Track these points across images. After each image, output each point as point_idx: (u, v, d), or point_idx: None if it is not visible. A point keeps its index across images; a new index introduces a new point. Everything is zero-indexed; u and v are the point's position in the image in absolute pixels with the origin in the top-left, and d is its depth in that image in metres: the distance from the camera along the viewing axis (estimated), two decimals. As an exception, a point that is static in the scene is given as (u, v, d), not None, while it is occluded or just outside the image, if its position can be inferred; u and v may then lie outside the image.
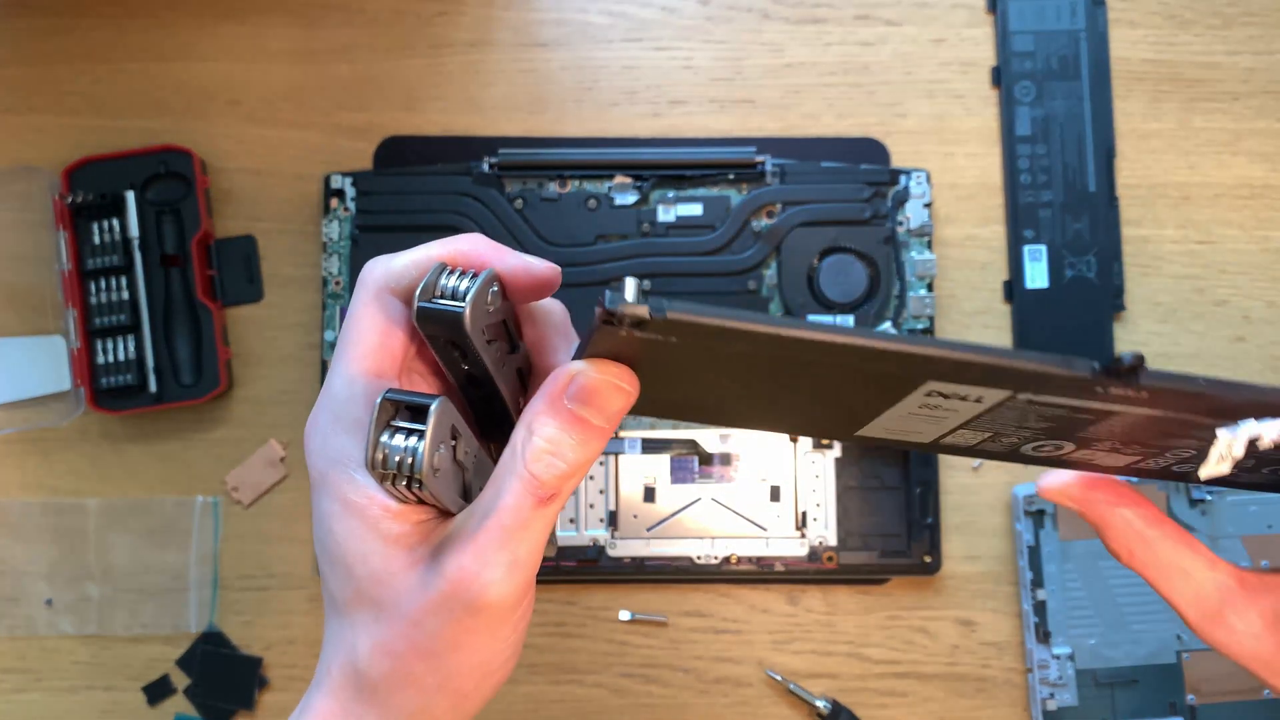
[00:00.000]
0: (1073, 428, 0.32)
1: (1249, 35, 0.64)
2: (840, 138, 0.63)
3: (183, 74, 0.64)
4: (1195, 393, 0.30)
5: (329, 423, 0.31)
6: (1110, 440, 0.33)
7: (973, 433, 0.33)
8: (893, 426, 0.33)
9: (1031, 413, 0.31)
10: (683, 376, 0.31)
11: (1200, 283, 0.63)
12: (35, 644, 0.61)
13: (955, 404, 0.31)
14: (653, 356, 0.30)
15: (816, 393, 0.31)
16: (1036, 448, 0.34)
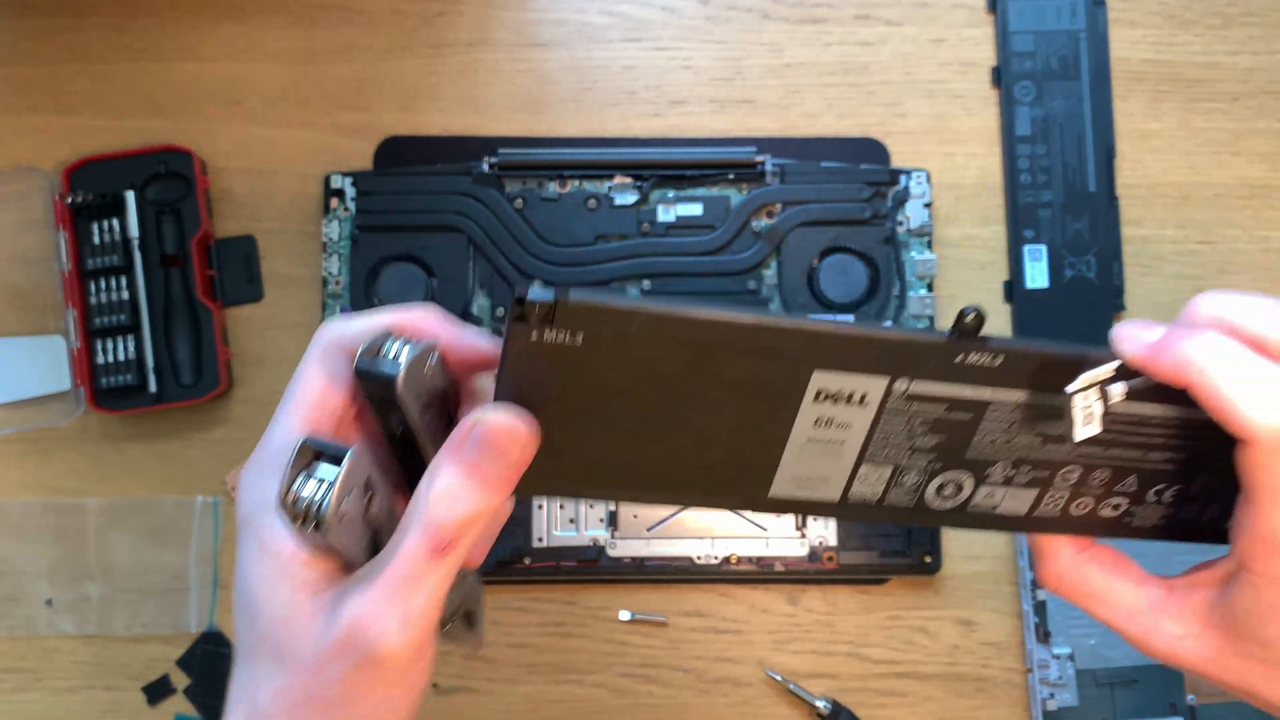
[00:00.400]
0: (959, 442, 0.33)
1: (1249, 35, 0.64)
2: (840, 138, 0.63)
3: (183, 74, 0.64)
4: (1040, 352, 0.32)
5: (258, 470, 0.32)
6: (1000, 463, 0.34)
7: (873, 470, 0.33)
8: (799, 473, 0.33)
9: (916, 420, 0.32)
10: (600, 416, 0.31)
11: (1200, 283, 0.63)
12: (35, 644, 0.61)
13: (845, 414, 0.32)
14: (567, 383, 0.30)
15: (723, 421, 0.32)
16: (939, 489, 0.34)
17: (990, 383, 0.32)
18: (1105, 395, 0.32)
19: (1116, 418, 0.33)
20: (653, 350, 0.29)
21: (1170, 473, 0.35)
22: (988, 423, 0.33)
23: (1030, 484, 0.34)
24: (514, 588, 0.61)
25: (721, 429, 0.32)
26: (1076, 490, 0.35)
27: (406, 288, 0.60)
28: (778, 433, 0.32)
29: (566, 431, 0.31)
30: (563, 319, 0.28)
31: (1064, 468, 0.34)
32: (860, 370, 0.31)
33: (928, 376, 0.32)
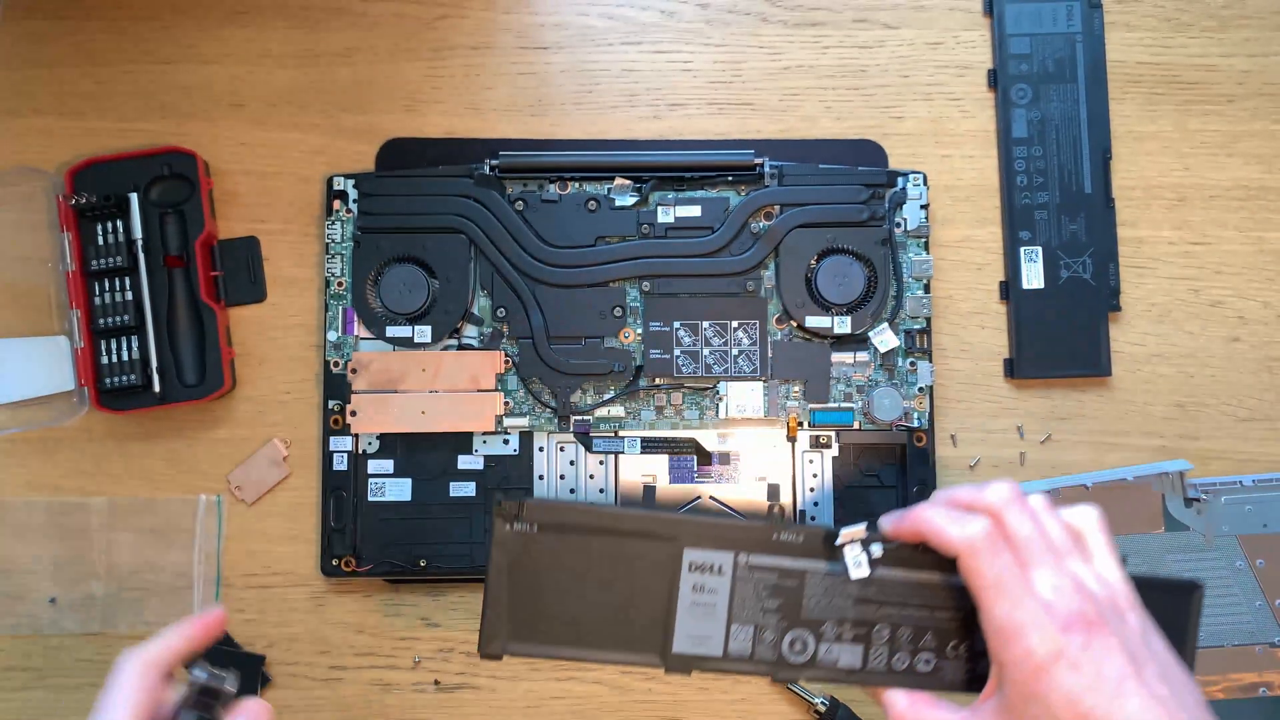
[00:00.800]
0: (795, 604, 0.44)
1: (1245, 38, 0.65)
2: (838, 140, 0.64)
3: (186, 77, 0.64)
4: (826, 528, 0.44)
5: None
6: (829, 622, 0.44)
7: (741, 629, 0.44)
8: (690, 631, 0.44)
9: (760, 586, 0.44)
10: (553, 584, 0.44)
11: (1195, 284, 0.63)
12: (39, 642, 0.61)
13: (711, 581, 0.44)
14: (530, 560, 0.44)
15: (635, 587, 0.44)
16: (791, 645, 0.44)
17: (802, 555, 0.44)
18: (868, 549, 0.44)
19: (897, 582, 0.44)
20: (583, 535, 0.44)
21: (956, 630, 0.44)
22: (810, 587, 0.44)
23: (855, 640, 0.44)
24: (515, 586, 0.61)
25: (634, 592, 0.44)
26: (892, 646, 0.45)
27: (408, 289, 0.60)
28: (670, 596, 0.44)
29: (531, 595, 0.44)
30: (525, 514, 0.43)
31: (875, 625, 0.44)
32: (714, 547, 0.44)
33: (758, 551, 0.44)
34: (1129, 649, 0.40)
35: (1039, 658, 0.40)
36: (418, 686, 0.61)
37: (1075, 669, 0.39)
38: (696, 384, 0.61)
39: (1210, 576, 0.60)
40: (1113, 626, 0.41)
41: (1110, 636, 0.40)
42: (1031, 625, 0.40)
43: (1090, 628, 0.40)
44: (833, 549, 0.44)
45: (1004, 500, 0.42)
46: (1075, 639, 0.40)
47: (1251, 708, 0.60)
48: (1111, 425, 0.62)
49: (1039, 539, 0.42)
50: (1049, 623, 0.40)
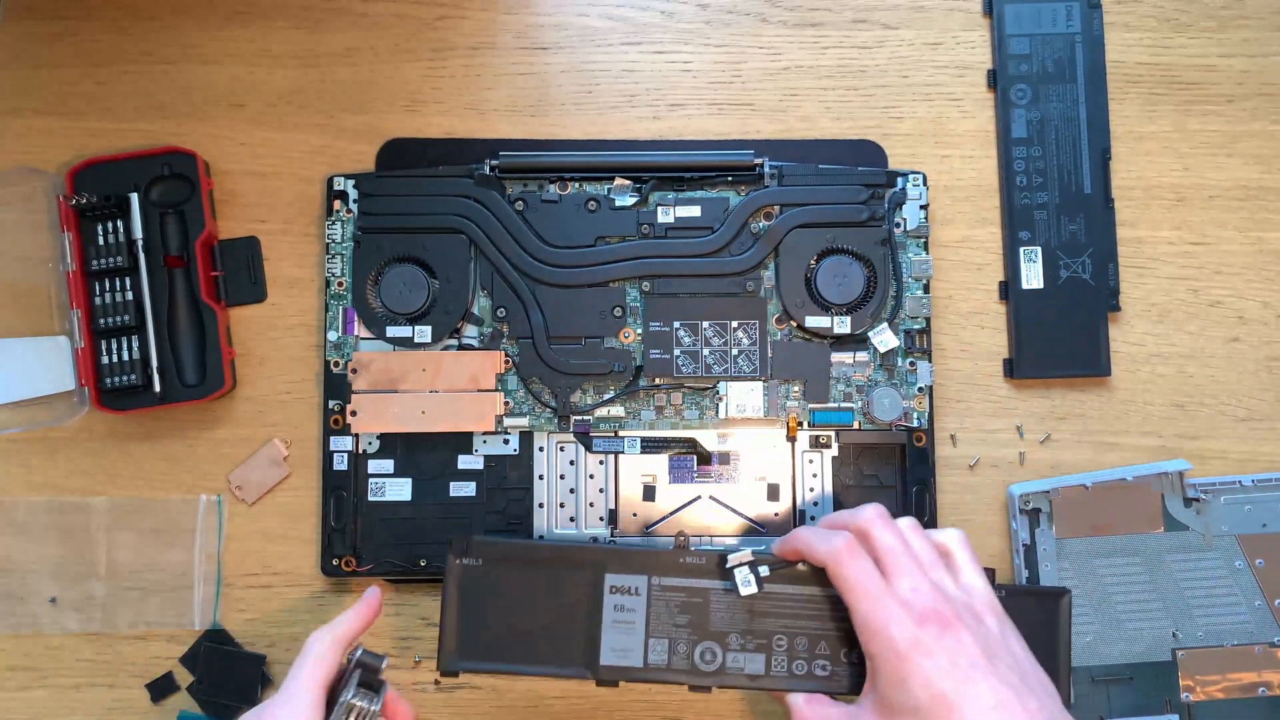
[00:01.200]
0: (702, 619, 0.51)
1: (1244, 38, 0.65)
2: (838, 140, 0.64)
3: (186, 76, 0.64)
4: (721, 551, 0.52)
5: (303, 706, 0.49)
6: (733, 634, 0.51)
7: (657, 642, 0.51)
8: (614, 646, 0.51)
9: (671, 604, 0.51)
10: (499, 609, 0.52)
11: (1195, 284, 0.63)
12: (40, 642, 0.61)
13: (629, 601, 0.51)
14: (479, 589, 0.52)
15: (566, 609, 0.52)
16: (702, 655, 0.51)
17: (704, 575, 0.52)
18: (756, 570, 0.51)
19: (789, 597, 0.51)
20: (521, 567, 0.52)
21: (845, 638, 0.50)
22: (714, 603, 0.51)
23: (757, 649, 0.51)
24: (515, 586, 0.61)
25: (566, 614, 0.52)
26: (790, 654, 0.51)
27: (408, 289, 0.61)
28: (596, 616, 0.52)
29: (478, 620, 0.52)
30: (472, 550, 0.53)
31: (774, 635, 0.51)
32: (630, 571, 0.52)
33: (667, 574, 0.52)
34: (983, 643, 0.46)
35: (900, 647, 0.45)
36: (418, 686, 0.61)
37: (930, 656, 0.45)
38: (696, 384, 0.61)
39: (1210, 576, 0.60)
40: (967, 623, 0.46)
41: (963, 631, 0.46)
42: (892, 619, 0.46)
43: (945, 622, 0.46)
44: (725, 570, 0.51)
45: (869, 518, 0.49)
46: (930, 630, 0.45)
47: (1251, 708, 0.60)
48: (1111, 425, 0.63)
49: (902, 550, 0.48)
50: (906, 617, 0.46)
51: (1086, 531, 0.60)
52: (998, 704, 0.44)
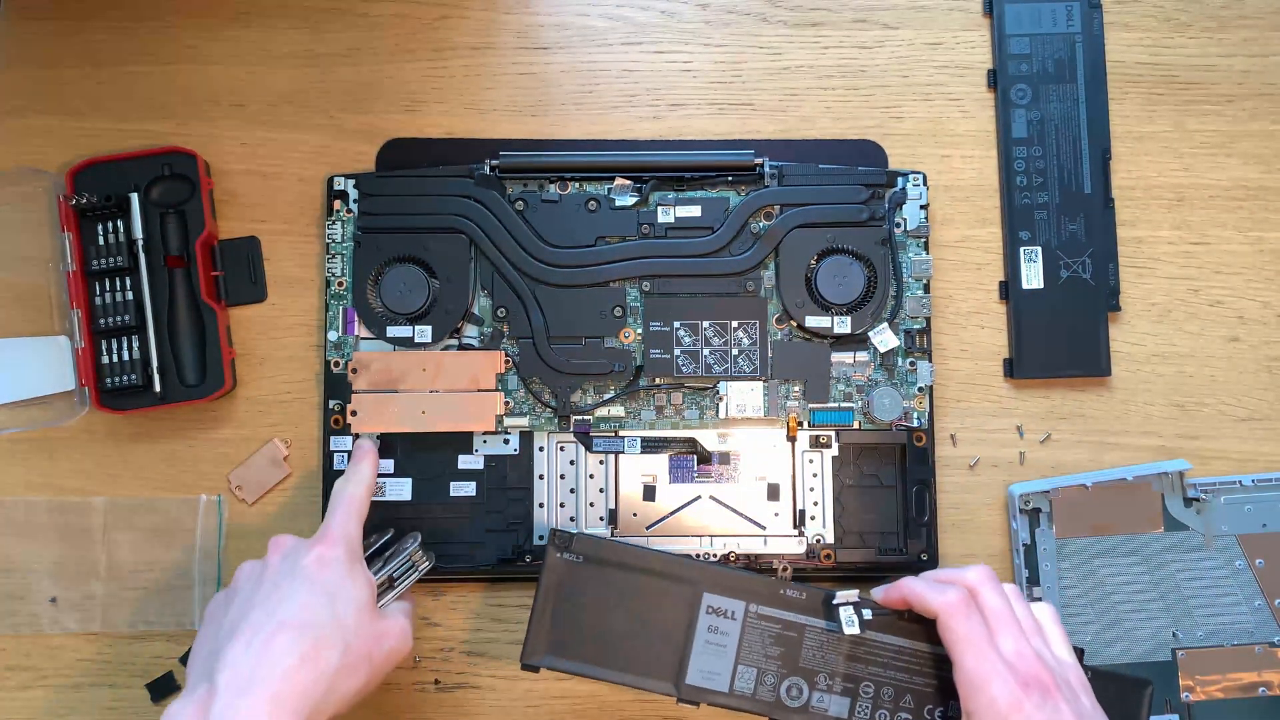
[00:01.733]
0: (794, 653, 0.51)
1: (1244, 38, 0.65)
2: (838, 140, 0.64)
3: (187, 77, 0.65)
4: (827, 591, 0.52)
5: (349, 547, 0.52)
6: (822, 673, 0.51)
7: (746, 670, 0.51)
8: (702, 667, 0.51)
9: (765, 634, 0.51)
10: (591, 609, 0.52)
11: (1195, 284, 0.64)
12: (40, 641, 0.61)
13: (724, 624, 0.51)
14: (574, 586, 0.52)
15: (658, 621, 0.52)
16: (788, 690, 0.51)
17: (804, 611, 0.52)
18: (860, 612, 0.51)
19: (884, 646, 0.51)
20: (620, 570, 0.52)
21: (934, 695, 0.51)
22: (808, 640, 0.51)
23: (844, 692, 0.51)
24: (515, 585, 0.61)
25: (658, 625, 0.52)
26: (876, 702, 0.51)
27: (409, 289, 0.61)
28: (688, 633, 0.52)
29: (570, 618, 0.52)
30: (575, 546, 0.52)
31: (862, 681, 0.51)
32: (730, 595, 0.52)
33: (766, 604, 0.52)
34: (1078, 716, 0.46)
35: (1001, 707, 0.46)
36: (418, 686, 0.61)
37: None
38: (696, 384, 0.61)
39: (1210, 576, 0.60)
40: (1064, 695, 0.47)
41: (1063, 702, 0.46)
42: (996, 677, 0.46)
43: (1046, 690, 0.46)
44: (830, 609, 0.51)
45: (980, 579, 0.50)
46: (1034, 696, 0.46)
47: (1251, 708, 0.60)
48: (1111, 425, 0.63)
49: (1007, 613, 0.49)
50: (1011, 678, 0.46)
51: (1086, 531, 0.60)
52: None
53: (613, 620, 0.52)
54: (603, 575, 0.52)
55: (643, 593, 0.52)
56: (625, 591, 0.52)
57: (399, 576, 0.54)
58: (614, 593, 0.52)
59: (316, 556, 0.50)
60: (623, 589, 0.52)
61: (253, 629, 0.47)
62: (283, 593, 0.49)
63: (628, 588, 0.52)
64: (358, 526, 0.53)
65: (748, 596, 0.52)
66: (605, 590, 0.52)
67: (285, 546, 0.51)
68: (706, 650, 0.51)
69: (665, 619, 0.52)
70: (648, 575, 0.52)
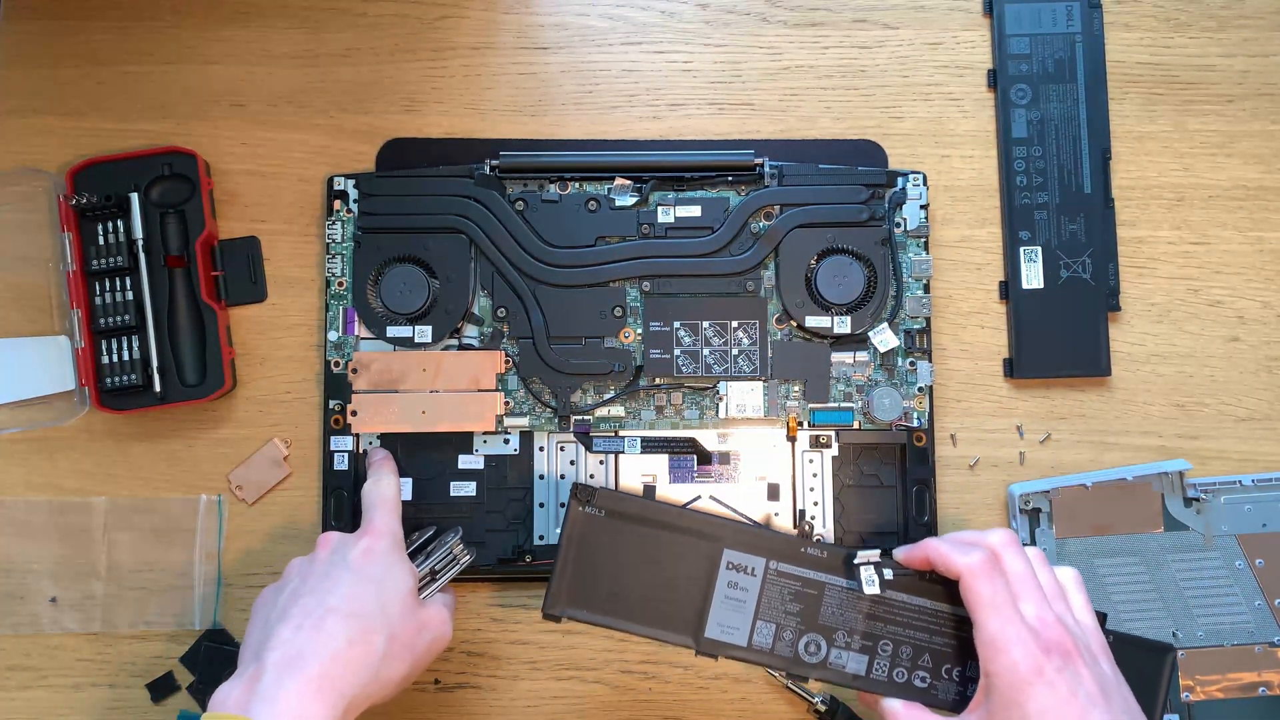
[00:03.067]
0: (813, 610, 0.51)
1: (1244, 38, 0.65)
2: (838, 140, 0.64)
3: (187, 77, 0.65)
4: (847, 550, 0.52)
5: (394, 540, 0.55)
6: (840, 631, 0.51)
7: (765, 625, 0.51)
8: (721, 621, 0.51)
9: (785, 590, 0.51)
10: (612, 561, 0.52)
11: (1195, 284, 0.64)
12: (40, 641, 0.61)
13: (744, 580, 0.52)
14: (596, 538, 0.52)
15: (678, 575, 0.52)
16: (806, 646, 0.51)
17: (824, 569, 0.52)
18: (881, 571, 0.51)
19: (904, 605, 0.51)
20: (642, 525, 0.52)
21: (952, 655, 0.51)
22: (828, 597, 0.51)
23: (862, 650, 0.51)
24: (516, 585, 0.61)
25: (678, 580, 0.52)
26: (894, 660, 0.51)
27: (409, 289, 0.61)
28: (708, 588, 0.52)
29: (591, 571, 0.52)
30: (597, 500, 0.53)
31: (881, 640, 0.51)
32: (750, 551, 0.52)
33: (786, 561, 0.52)
34: (1100, 682, 0.46)
35: (1022, 671, 0.46)
36: (418, 686, 0.61)
37: (1051, 686, 0.45)
38: (696, 384, 0.61)
39: (1210, 576, 0.60)
40: (1086, 660, 0.47)
41: (1084, 667, 0.46)
42: (1017, 641, 0.46)
43: (1067, 654, 0.46)
44: (851, 568, 0.51)
45: (1003, 542, 0.49)
46: (1055, 660, 0.46)
47: (1251, 708, 0.60)
48: (1111, 425, 0.63)
49: (1030, 577, 0.49)
50: (1033, 642, 0.46)
51: (1086, 531, 0.60)
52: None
53: (633, 574, 0.52)
54: (624, 530, 0.52)
55: (663, 548, 0.52)
56: (646, 546, 0.52)
57: (440, 569, 0.55)
58: (635, 547, 0.52)
59: (364, 548, 0.52)
60: (644, 544, 0.52)
61: (303, 613, 0.49)
62: (332, 581, 0.50)
63: (649, 542, 0.52)
64: (398, 521, 0.55)
65: (768, 553, 0.52)
66: (626, 544, 0.52)
67: (333, 541, 0.53)
68: (726, 605, 0.52)
69: (685, 574, 0.52)
70: (669, 531, 0.52)
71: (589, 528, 0.52)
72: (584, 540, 0.52)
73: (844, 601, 0.52)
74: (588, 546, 0.52)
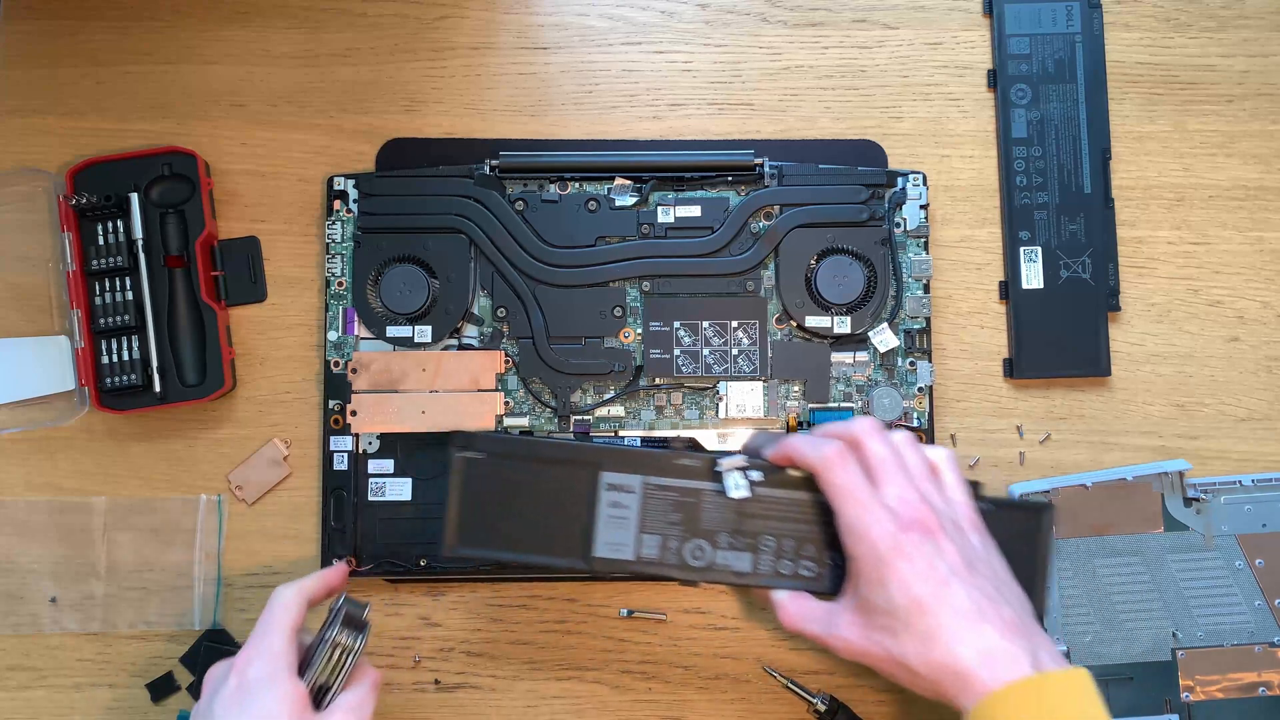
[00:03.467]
0: (693, 518, 0.53)
1: (1243, 38, 0.65)
2: (838, 140, 0.64)
3: (187, 76, 0.65)
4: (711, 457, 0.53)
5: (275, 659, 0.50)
6: (722, 533, 0.53)
7: (650, 538, 0.53)
8: (608, 539, 0.53)
9: (664, 503, 0.53)
10: (501, 499, 0.53)
11: (1195, 284, 0.64)
12: (40, 641, 0.61)
13: (625, 499, 0.53)
14: (483, 479, 0.53)
15: (564, 502, 0.53)
16: (692, 552, 0.53)
17: (697, 477, 0.53)
18: (748, 474, 0.52)
19: (778, 500, 0.53)
20: (522, 461, 0.54)
21: (830, 542, 0.52)
22: (705, 504, 0.53)
23: (746, 548, 0.53)
24: (515, 585, 0.61)
25: (563, 508, 0.53)
26: (777, 555, 0.53)
27: (408, 289, 0.61)
28: (592, 511, 0.53)
29: (480, 509, 0.53)
30: (475, 444, 0.53)
31: (762, 536, 0.53)
32: (627, 470, 0.53)
33: (661, 475, 0.53)
34: (964, 553, 0.47)
35: (881, 549, 0.47)
36: (418, 686, 0.61)
37: (910, 560, 0.46)
38: (696, 384, 0.61)
39: (1210, 576, 0.60)
40: (949, 533, 0.48)
41: (945, 540, 0.47)
42: (875, 523, 0.47)
43: (927, 530, 0.47)
44: (716, 474, 0.53)
45: (864, 429, 0.51)
46: (913, 536, 0.47)
47: (1251, 708, 0.60)
48: (1111, 425, 0.63)
49: (892, 460, 0.49)
50: (890, 522, 0.47)
51: (1086, 531, 0.60)
52: (972, 610, 0.46)
53: (521, 508, 0.54)
54: (506, 468, 0.54)
55: (546, 479, 0.54)
56: (529, 480, 0.54)
57: (335, 672, 0.51)
58: (519, 483, 0.54)
59: (231, 689, 0.49)
60: (526, 478, 0.54)
61: None
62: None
63: (531, 477, 0.54)
64: (281, 635, 0.50)
65: (643, 470, 0.53)
66: (510, 481, 0.54)
67: (213, 679, 0.50)
68: (611, 524, 0.53)
69: (569, 501, 0.53)
70: (548, 464, 0.54)
71: (473, 471, 0.54)
72: (469, 483, 0.54)
73: (722, 505, 0.53)
74: (474, 488, 0.54)
